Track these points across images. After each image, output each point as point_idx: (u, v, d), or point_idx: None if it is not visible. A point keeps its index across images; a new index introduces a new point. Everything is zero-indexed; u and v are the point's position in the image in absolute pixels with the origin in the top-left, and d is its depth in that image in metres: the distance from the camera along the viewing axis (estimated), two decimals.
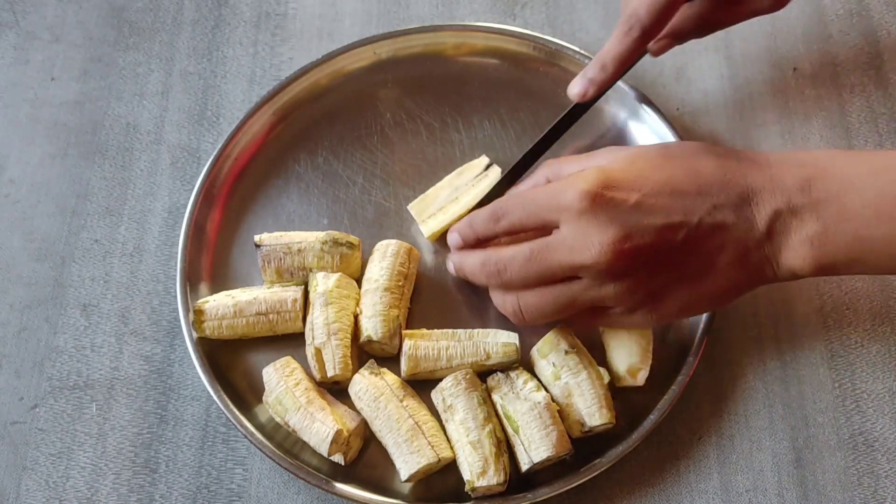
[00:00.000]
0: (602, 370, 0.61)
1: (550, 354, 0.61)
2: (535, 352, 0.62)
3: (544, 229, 0.57)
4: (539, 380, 0.62)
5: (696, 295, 0.57)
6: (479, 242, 0.62)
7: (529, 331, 0.64)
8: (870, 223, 0.52)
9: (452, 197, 0.68)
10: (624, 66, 0.65)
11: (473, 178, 0.69)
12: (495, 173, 0.69)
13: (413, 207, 0.68)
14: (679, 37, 0.66)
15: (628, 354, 0.61)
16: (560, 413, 0.60)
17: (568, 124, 0.68)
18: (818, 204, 0.53)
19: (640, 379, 0.61)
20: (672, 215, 0.54)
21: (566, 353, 0.61)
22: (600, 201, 0.54)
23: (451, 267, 0.65)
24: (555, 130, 0.68)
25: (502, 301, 0.60)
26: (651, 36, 0.63)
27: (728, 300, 0.58)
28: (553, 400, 0.61)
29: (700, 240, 0.54)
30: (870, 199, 0.52)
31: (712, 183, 0.55)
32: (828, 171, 0.54)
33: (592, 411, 0.59)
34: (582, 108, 0.68)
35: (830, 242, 0.53)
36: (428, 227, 0.67)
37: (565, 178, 0.57)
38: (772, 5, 0.65)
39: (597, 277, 0.55)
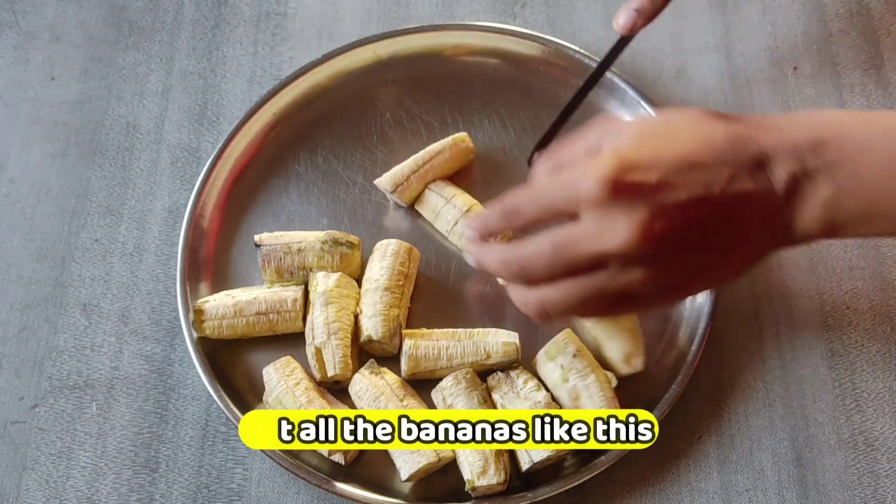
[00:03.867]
0: (609, 374, 0.61)
1: (559, 357, 0.61)
2: (541, 355, 0.62)
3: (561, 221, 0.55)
4: (542, 383, 0.62)
5: (723, 269, 0.55)
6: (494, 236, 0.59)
7: (530, 331, 0.64)
8: (883, 184, 0.52)
9: (421, 162, 0.68)
10: None
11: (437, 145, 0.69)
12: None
13: (382, 182, 0.68)
14: (651, 14, 0.66)
15: (620, 344, 0.61)
16: None
17: (609, 63, 0.68)
18: (832, 166, 0.52)
19: (638, 364, 0.61)
20: (694, 189, 0.52)
21: (574, 355, 0.60)
22: (621, 186, 0.51)
23: (470, 259, 0.60)
24: (601, 66, 0.68)
25: (523, 298, 0.56)
26: None
27: (748, 269, 0.56)
28: (556, 401, 0.61)
29: (724, 211, 0.52)
30: (884, 160, 0.52)
31: (725, 150, 0.52)
32: (840, 133, 0.53)
33: None
34: (624, 42, 0.67)
35: (843, 205, 0.52)
36: (406, 196, 0.68)
37: (577, 166, 0.53)
38: None
39: (625, 264, 0.52)
